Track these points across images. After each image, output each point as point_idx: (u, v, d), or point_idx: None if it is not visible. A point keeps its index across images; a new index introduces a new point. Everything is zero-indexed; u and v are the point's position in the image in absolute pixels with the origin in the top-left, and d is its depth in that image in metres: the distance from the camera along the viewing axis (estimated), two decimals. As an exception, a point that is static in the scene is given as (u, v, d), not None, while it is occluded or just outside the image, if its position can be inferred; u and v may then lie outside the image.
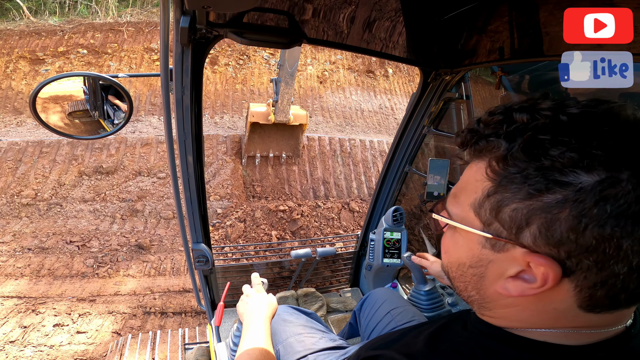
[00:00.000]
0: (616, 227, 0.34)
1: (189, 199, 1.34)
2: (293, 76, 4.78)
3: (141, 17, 7.95)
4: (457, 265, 0.49)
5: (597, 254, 0.35)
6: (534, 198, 0.37)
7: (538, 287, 0.39)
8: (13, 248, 4.60)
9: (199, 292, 1.77)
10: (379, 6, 1.08)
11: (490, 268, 0.44)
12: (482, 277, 0.46)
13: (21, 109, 6.62)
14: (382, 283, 1.96)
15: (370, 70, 8.71)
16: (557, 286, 0.39)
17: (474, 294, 0.48)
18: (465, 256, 0.47)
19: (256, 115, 5.35)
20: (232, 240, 4.99)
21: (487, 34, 1.15)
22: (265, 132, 5.80)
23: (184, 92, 1.04)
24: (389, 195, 1.96)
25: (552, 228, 0.36)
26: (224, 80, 7.54)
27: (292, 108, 5.38)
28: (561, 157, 0.35)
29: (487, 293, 0.46)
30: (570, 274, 0.38)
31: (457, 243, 0.48)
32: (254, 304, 1.04)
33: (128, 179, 5.59)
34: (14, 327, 3.47)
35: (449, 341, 0.50)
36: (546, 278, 0.38)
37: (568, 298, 0.40)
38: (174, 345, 2.72)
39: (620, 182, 0.33)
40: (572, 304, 0.40)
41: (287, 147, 6.10)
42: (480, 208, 0.42)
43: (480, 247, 0.44)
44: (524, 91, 1.48)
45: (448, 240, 0.51)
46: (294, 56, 4.58)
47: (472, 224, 0.44)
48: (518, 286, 0.41)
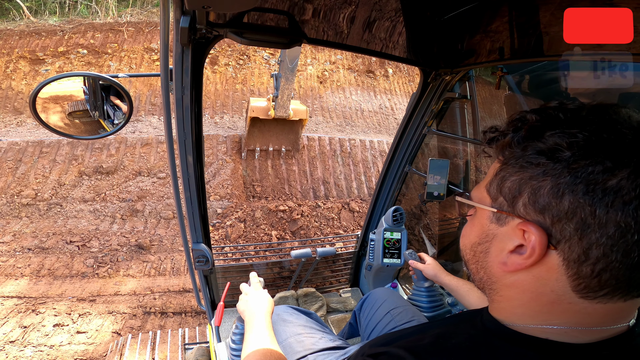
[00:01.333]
0: (586, 193, 0.39)
1: (189, 199, 1.34)
2: (293, 72, 4.78)
3: (141, 17, 7.96)
4: (470, 245, 0.54)
5: (576, 219, 0.40)
6: (525, 170, 0.44)
7: (528, 256, 0.44)
8: (13, 248, 4.60)
9: (199, 292, 1.77)
10: (379, 6, 1.08)
11: (494, 243, 0.49)
12: (487, 253, 0.50)
13: (21, 109, 6.62)
14: (382, 283, 1.96)
15: (370, 70, 8.71)
16: (546, 259, 0.44)
17: (483, 274, 0.52)
18: (477, 234, 0.52)
19: (256, 110, 5.37)
20: (232, 240, 4.99)
21: (487, 34, 1.15)
22: (265, 127, 5.82)
23: (184, 92, 1.04)
24: (389, 195, 1.96)
25: (538, 194, 0.43)
26: (224, 80, 7.54)
27: (292, 103, 5.40)
28: (550, 139, 0.42)
29: (492, 271, 0.50)
30: (556, 244, 0.42)
31: (473, 224, 0.54)
32: (253, 301, 1.05)
33: (128, 179, 5.59)
34: (14, 327, 3.47)
35: (454, 339, 0.51)
36: (534, 246, 0.43)
37: (559, 276, 0.43)
38: (174, 345, 2.72)
39: (590, 157, 0.40)
40: (565, 285, 0.43)
41: (286, 142, 6.13)
42: (490, 186, 0.50)
43: (488, 222, 0.50)
44: (524, 91, 1.48)
45: (468, 225, 0.56)
46: (294, 53, 4.58)
47: (484, 202, 0.51)
48: (515, 259, 0.46)
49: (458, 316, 0.59)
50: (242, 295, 1.11)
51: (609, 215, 0.39)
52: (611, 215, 0.39)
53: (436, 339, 0.52)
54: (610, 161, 0.39)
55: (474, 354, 0.47)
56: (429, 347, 0.51)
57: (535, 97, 1.45)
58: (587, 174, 0.39)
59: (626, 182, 0.38)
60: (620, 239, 0.39)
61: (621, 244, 0.39)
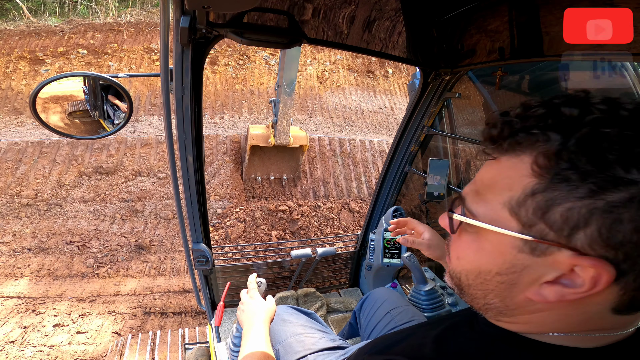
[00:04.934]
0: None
1: (189, 199, 1.34)
2: (291, 96, 4.73)
3: (141, 17, 7.95)
4: (476, 273, 0.44)
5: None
6: (596, 196, 0.33)
7: (584, 291, 0.36)
8: (13, 248, 4.60)
9: (199, 292, 1.77)
10: (379, 6, 1.09)
11: (524, 274, 0.40)
12: (513, 285, 0.41)
13: (21, 109, 6.62)
14: (382, 283, 1.96)
15: (370, 71, 8.71)
16: (604, 289, 0.36)
17: (496, 301, 0.44)
18: (493, 263, 0.42)
19: (256, 137, 5.27)
20: (232, 241, 4.99)
21: (487, 34, 1.15)
22: (265, 155, 5.73)
23: (184, 92, 1.04)
24: (389, 195, 1.96)
25: (615, 229, 0.33)
26: (223, 81, 7.54)
27: (291, 130, 5.32)
28: (626, 153, 0.32)
29: (515, 301, 0.42)
30: (621, 277, 0.36)
31: (481, 248, 0.43)
32: (249, 311, 1.04)
33: (128, 179, 5.59)
34: (14, 327, 3.47)
35: (456, 343, 0.48)
36: (596, 281, 0.36)
37: (608, 301, 0.38)
38: (174, 346, 2.72)
39: None
40: (608, 306, 0.38)
41: (287, 170, 6.00)
42: (520, 207, 0.38)
43: (515, 251, 0.40)
44: (523, 91, 1.48)
45: (465, 245, 0.46)
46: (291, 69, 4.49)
47: (507, 226, 0.39)
48: (556, 291, 0.38)
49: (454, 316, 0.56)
50: (240, 305, 1.10)
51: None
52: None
53: (436, 344, 0.48)
54: None
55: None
56: (430, 353, 0.47)
57: (535, 97, 1.45)
58: None
59: None
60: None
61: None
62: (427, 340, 0.50)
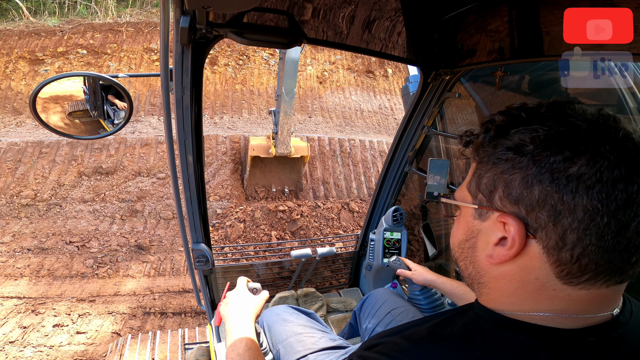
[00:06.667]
0: (552, 182, 0.42)
1: (189, 199, 1.34)
2: (291, 105, 4.70)
3: (141, 18, 7.95)
4: (458, 243, 0.56)
5: (547, 207, 0.43)
6: (497, 166, 0.47)
7: (510, 246, 0.46)
8: (13, 248, 4.60)
9: (199, 292, 1.76)
10: (379, 6, 1.09)
11: (479, 238, 0.52)
12: (474, 248, 0.53)
13: (20, 109, 6.62)
14: (382, 283, 1.96)
15: (370, 71, 8.72)
16: (527, 249, 0.46)
17: (472, 269, 0.55)
18: (463, 231, 0.55)
19: (257, 148, 5.21)
20: (231, 241, 4.99)
21: (487, 34, 1.15)
22: (266, 166, 5.65)
23: (184, 92, 1.04)
24: (389, 195, 1.96)
25: (510, 187, 0.46)
26: (223, 81, 7.54)
27: (292, 140, 5.25)
28: (515, 136, 0.46)
29: (480, 265, 0.53)
30: (534, 233, 0.45)
31: (459, 223, 0.56)
32: (231, 305, 1.05)
33: (127, 180, 5.59)
34: (14, 328, 3.47)
35: (450, 328, 0.53)
36: (514, 236, 0.45)
37: (542, 264, 0.45)
38: (174, 346, 2.72)
39: (551, 148, 0.43)
40: (548, 272, 0.45)
41: (289, 181, 5.91)
42: (470, 185, 0.53)
43: (472, 218, 0.52)
44: (523, 91, 1.48)
45: (455, 224, 0.59)
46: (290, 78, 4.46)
47: (466, 200, 0.53)
48: (499, 251, 0.48)
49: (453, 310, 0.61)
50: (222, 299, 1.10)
51: (575, 201, 0.41)
52: (578, 200, 0.41)
53: (431, 328, 0.55)
54: (569, 151, 0.42)
55: (467, 339, 0.50)
56: (425, 334, 0.54)
57: (535, 97, 1.45)
58: (550, 163, 0.42)
59: (586, 169, 0.41)
60: (590, 222, 0.41)
61: (592, 227, 0.41)
62: (424, 327, 0.56)
